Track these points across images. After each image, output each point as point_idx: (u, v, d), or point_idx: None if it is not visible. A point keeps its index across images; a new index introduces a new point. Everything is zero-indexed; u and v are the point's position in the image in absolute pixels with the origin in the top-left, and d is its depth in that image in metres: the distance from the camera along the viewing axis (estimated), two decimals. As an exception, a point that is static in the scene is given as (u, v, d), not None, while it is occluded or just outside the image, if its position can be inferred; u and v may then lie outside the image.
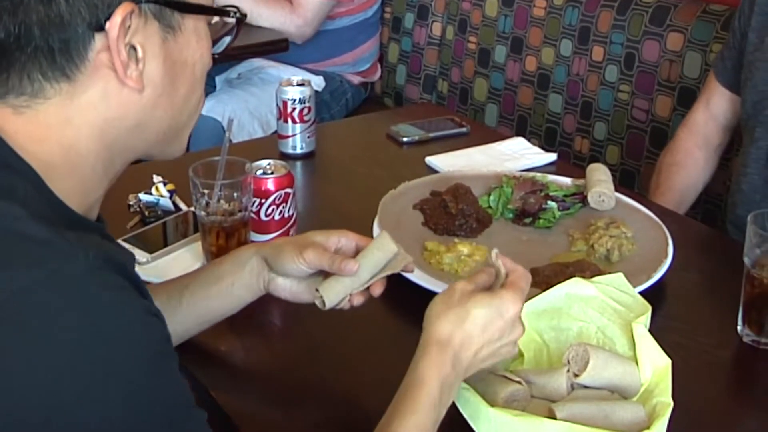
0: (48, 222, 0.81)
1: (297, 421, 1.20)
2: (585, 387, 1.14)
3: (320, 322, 1.28)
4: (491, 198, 1.69)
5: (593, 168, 1.78)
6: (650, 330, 1.22)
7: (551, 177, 1.78)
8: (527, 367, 1.23)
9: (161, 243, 1.58)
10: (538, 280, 1.43)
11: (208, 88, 3.16)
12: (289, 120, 1.98)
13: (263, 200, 1.51)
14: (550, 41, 2.76)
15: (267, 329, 1.42)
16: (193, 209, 1.51)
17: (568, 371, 1.14)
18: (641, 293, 1.34)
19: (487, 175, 1.79)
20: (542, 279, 1.42)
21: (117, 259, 0.81)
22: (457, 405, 1.09)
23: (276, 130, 2.06)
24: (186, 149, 1.04)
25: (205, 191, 1.44)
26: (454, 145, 2.03)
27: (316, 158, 2.02)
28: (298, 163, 1.98)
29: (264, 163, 1.55)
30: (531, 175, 1.78)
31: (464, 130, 2.14)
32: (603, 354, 1.15)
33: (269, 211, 1.52)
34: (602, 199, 1.69)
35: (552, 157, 1.99)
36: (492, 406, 1.08)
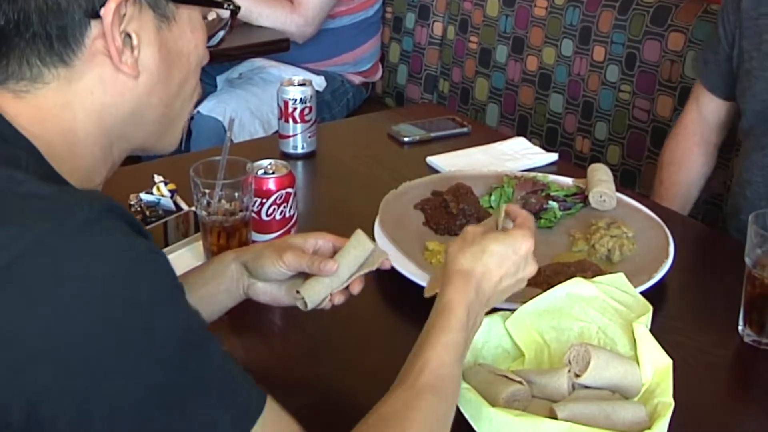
0: (50, 183, 0.85)
1: (297, 421, 1.20)
2: (586, 387, 1.14)
3: (320, 322, 1.28)
4: (492, 198, 1.70)
5: (594, 168, 1.78)
6: (651, 330, 1.22)
7: (552, 177, 1.78)
8: (528, 367, 1.23)
9: (162, 243, 1.58)
10: (540, 280, 1.42)
11: (210, 87, 3.16)
12: (290, 120, 1.98)
13: (264, 200, 1.51)
14: (551, 41, 2.76)
15: (267, 329, 1.42)
16: (194, 209, 1.51)
17: (569, 371, 1.14)
18: (642, 293, 1.34)
19: (488, 175, 1.79)
20: (543, 279, 1.42)
21: (118, 206, 0.83)
22: (459, 405, 1.09)
23: (277, 130, 2.06)
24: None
25: (206, 191, 1.44)
26: (455, 145, 2.03)
27: (317, 158, 2.02)
28: (299, 163, 1.98)
29: (265, 162, 1.55)
30: (532, 175, 1.78)
31: (465, 130, 2.14)
32: (604, 354, 1.15)
33: (270, 210, 1.52)
34: (603, 199, 1.69)
35: (553, 157, 1.99)
36: (493, 406, 1.08)
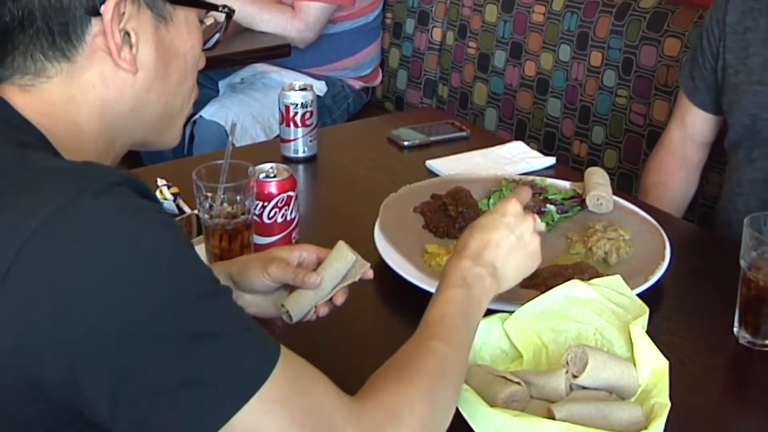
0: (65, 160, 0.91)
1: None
2: (583, 388, 1.14)
3: (320, 322, 1.27)
4: (491, 201, 1.70)
5: (591, 171, 1.78)
6: (648, 331, 1.22)
7: (550, 180, 1.78)
8: (526, 368, 1.23)
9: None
10: (537, 282, 1.43)
11: (212, 92, 3.16)
12: (292, 124, 1.98)
13: (266, 203, 1.52)
14: (548, 46, 2.76)
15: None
16: (197, 212, 1.51)
17: (567, 372, 1.14)
18: (639, 295, 1.34)
19: (486, 179, 1.79)
20: (541, 281, 1.42)
21: (131, 177, 0.87)
22: (457, 405, 1.09)
23: (278, 134, 2.06)
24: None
25: (209, 194, 1.45)
26: (454, 149, 2.04)
27: (318, 162, 2.02)
28: (300, 167, 1.99)
29: (267, 166, 1.55)
30: (530, 178, 1.78)
31: (464, 134, 2.14)
32: (601, 355, 1.15)
33: (272, 213, 1.52)
34: (600, 203, 1.69)
35: (551, 160, 1.99)
36: (491, 406, 1.08)
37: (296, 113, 1.97)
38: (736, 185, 1.90)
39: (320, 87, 3.05)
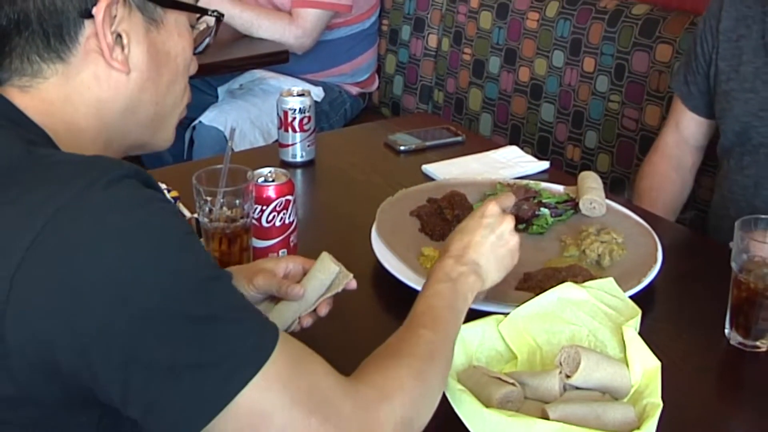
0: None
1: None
2: (577, 388, 1.14)
3: (317, 325, 1.28)
4: (486, 205, 1.70)
5: (584, 176, 1.79)
6: (640, 333, 1.23)
7: (544, 184, 1.78)
8: (521, 369, 1.23)
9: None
10: (532, 284, 1.43)
11: (211, 98, 3.17)
12: (290, 129, 1.98)
13: (264, 207, 1.52)
14: (542, 53, 2.77)
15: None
16: (197, 216, 1.51)
17: (561, 373, 1.14)
18: (631, 297, 1.35)
19: (481, 183, 1.79)
20: (535, 283, 1.43)
21: (139, 169, 0.90)
22: (453, 406, 1.10)
23: (277, 139, 2.06)
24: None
25: (208, 198, 1.45)
26: (449, 154, 2.04)
27: (315, 166, 2.02)
28: (298, 171, 1.99)
29: (265, 171, 1.55)
30: (524, 182, 1.78)
31: (459, 138, 2.14)
32: (594, 356, 1.15)
33: (270, 217, 1.52)
34: (593, 206, 1.69)
35: (545, 165, 1.99)
36: (487, 407, 1.08)
37: (294, 118, 1.97)
38: (727, 191, 1.90)
39: (318, 93, 3.05)
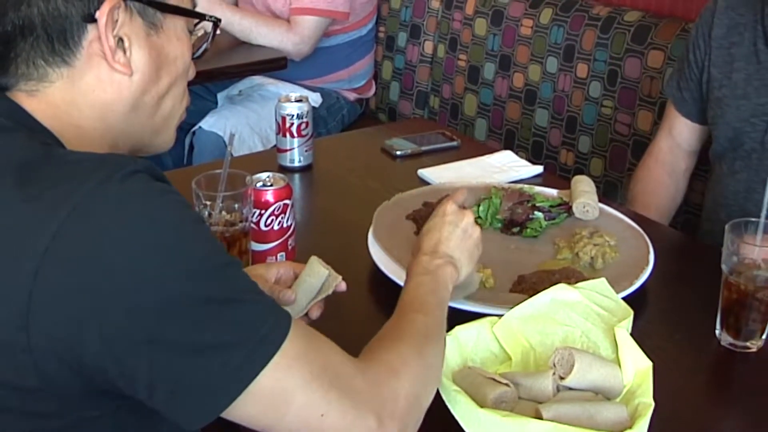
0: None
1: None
2: (570, 389, 1.14)
3: (317, 326, 1.27)
4: (481, 208, 1.70)
5: (578, 180, 1.79)
6: (632, 334, 1.23)
7: (538, 188, 1.78)
8: (515, 370, 1.23)
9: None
10: (526, 286, 1.43)
11: (211, 104, 3.17)
12: (288, 135, 1.98)
13: (263, 211, 1.52)
14: (536, 59, 2.77)
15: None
16: (196, 220, 1.51)
17: (554, 374, 1.14)
18: (624, 299, 1.35)
19: (476, 187, 1.79)
20: (529, 286, 1.43)
21: (149, 164, 0.92)
22: (449, 406, 1.10)
23: (275, 145, 2.06)
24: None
25: (208, 203, 1.45)
26: (445, 158, 2.04)
27: (313, 171, 2.03)
28: (296, 176, 1.99)
29: (264, 175, 1.55)
30: (519, 186, 1.78)
31: (455, 143, 2.15)
32: (587, 357, 1.16)
33: (269, 221, 1.52)
34: (587, 210, 1.70)
35: (539, 169, 1.99)
36: (481, 407, 1.08)
37: (292, 124, 1.98)
38: (719, 195, 1.90)
39: (315, 98, 3.05)
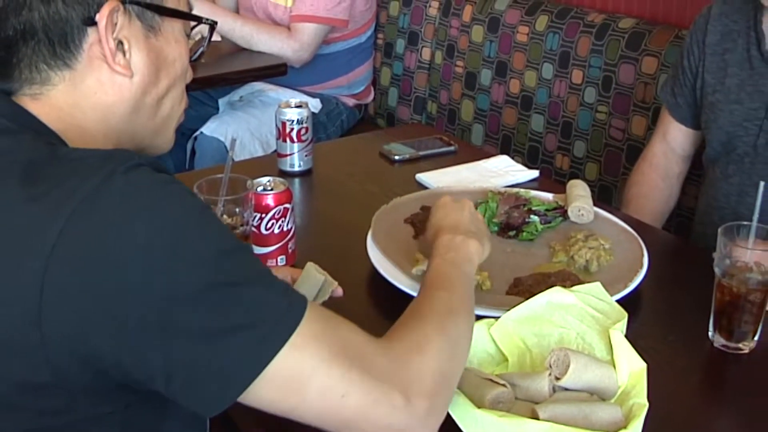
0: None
1: (298, 423, 1.20)
2: (566, 389, 1.14)
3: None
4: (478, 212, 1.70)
5: (573, 184, 1.79)
6: (626, 335, 1.23)
7: (534, 192, 1.78)
8: (512, 371, 1.23)
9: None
10: (522, 289, 1.44)
11: (212, 110, 3.17)
12: (288, 140, 1.99)
13: (263, 215, 1.52)
14: (532, 65, 2.77)
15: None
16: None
17: (550, 374, 1.14)
18: (618, 301, 1.35)
19: (473, 191, 1.80)
20: (525, 288, 1.43)
21: (150, 158, 0.93)
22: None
23: (275, 149, 2.06)
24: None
25: (210, 207, 1.45)
26: (442, 163, 2.04)
27: (313, 175, 2.03)
28: (296, 180, 1.99)
29: (264, 180, 1.56)
30: (515, 190, 1.79)
31: (452, 148, 2.15)
32: (582, 358, 1.16)
33: (269, 225, 1.53)
34: (582, 213, 1.70)
35: (534, 173, 1.99)
36: (479, 407, 1.08)
37: (292, 129, 1.98)
38: (712, 199, 1.91)
39: (315, 104, 3.06)
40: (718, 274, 1.33)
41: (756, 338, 1.34)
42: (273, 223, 1.53)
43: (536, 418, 1.07)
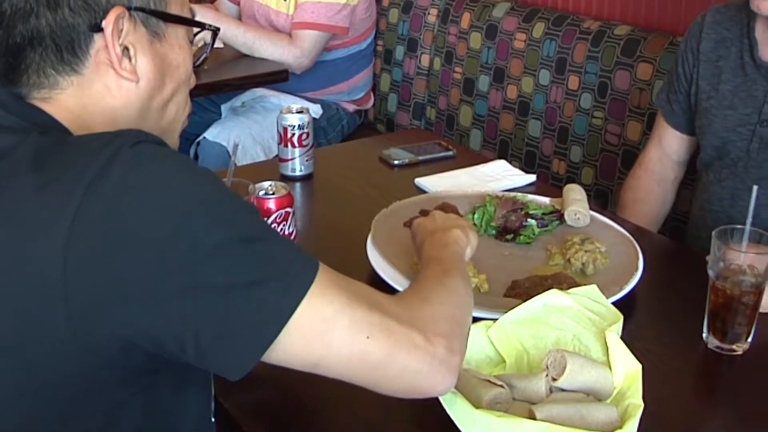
0: None
1: (297, 422, 1.20)
2: (562, 390, 1.14)
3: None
4: (476, 216, 1.70)
5: (569, 188, 1.79)
6: (622, 337, 1.23)
7: (531, 196, 1.78)
8: (509, 372, 1.23)
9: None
10: (519, 291, 1.44)
11: (215, 116, 3.17)
12: (289, 145, 1.99)
13: (265, 219, 1.52)
14: (529, 71, 2.77)
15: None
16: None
17: (547, 375, 1.14)
18: (614, 303, 1.35)
19: (471, 195, 1.80)
20: (522, 290, 1.43)
21: (152, 135, 0.94)
22: (445, 407, 1.10)
23: (277, 154, 2.06)
24: None
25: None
26: (441, 168, 2.04)
27: (314, 180, 2.03)
28: (297, 185, 1.99)
29: (266, 184, 1.56)
30: (512, 194, 1.79)
31: (451, 153, 2.15)
32: (579, 359, 1.16)
33: (271, 228, 1.53)
34: (578, 217, 1.70)
35: (531, 178, 1.99)
36: (477, 408, 1.08)
37: (294, 134, 1.98)
38: (706, 203, 1.91)
39: (316, 110, 3.06)
40: (712, 277, 1.34)
41: (749, 340, 1.34)
42: (274, 227, 1.53)
43: (533, 418, 1.07)
